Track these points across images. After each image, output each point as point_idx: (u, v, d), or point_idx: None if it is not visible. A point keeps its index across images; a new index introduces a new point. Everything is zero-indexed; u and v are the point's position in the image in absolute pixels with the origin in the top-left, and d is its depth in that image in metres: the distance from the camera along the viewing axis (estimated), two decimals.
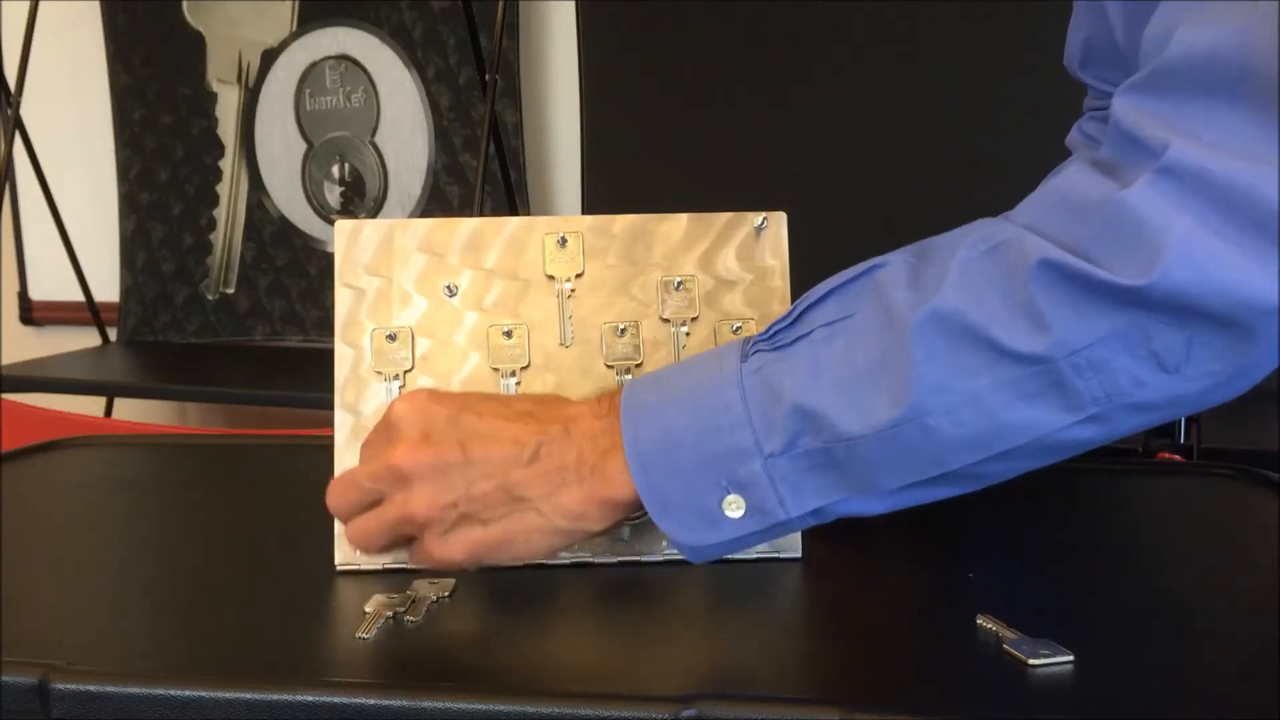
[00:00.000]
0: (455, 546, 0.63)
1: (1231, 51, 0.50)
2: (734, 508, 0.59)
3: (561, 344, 0.75)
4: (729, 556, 0.72)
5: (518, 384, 0.74)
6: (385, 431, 0.65)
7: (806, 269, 0.84)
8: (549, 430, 0.62)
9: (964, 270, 0.55)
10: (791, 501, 0.59)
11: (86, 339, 2.53)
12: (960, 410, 0.55)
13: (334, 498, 0.67)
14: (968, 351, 0.54)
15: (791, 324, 0.60)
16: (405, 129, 2.33)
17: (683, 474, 0.59)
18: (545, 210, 2.33)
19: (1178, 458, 1.46)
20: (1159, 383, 0.53)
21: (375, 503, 0.65)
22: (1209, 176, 0.49)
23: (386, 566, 0.72)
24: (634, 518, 0.65)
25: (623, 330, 0.75)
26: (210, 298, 2.49)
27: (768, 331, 0.61)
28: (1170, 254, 0.49)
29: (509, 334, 0.75)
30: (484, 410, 0.64)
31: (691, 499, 0.59)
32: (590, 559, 0.72)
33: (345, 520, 0.67)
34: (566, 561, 0.72)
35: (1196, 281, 0.49)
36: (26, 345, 2.62)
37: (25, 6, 2.30)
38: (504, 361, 0.74)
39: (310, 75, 2.39)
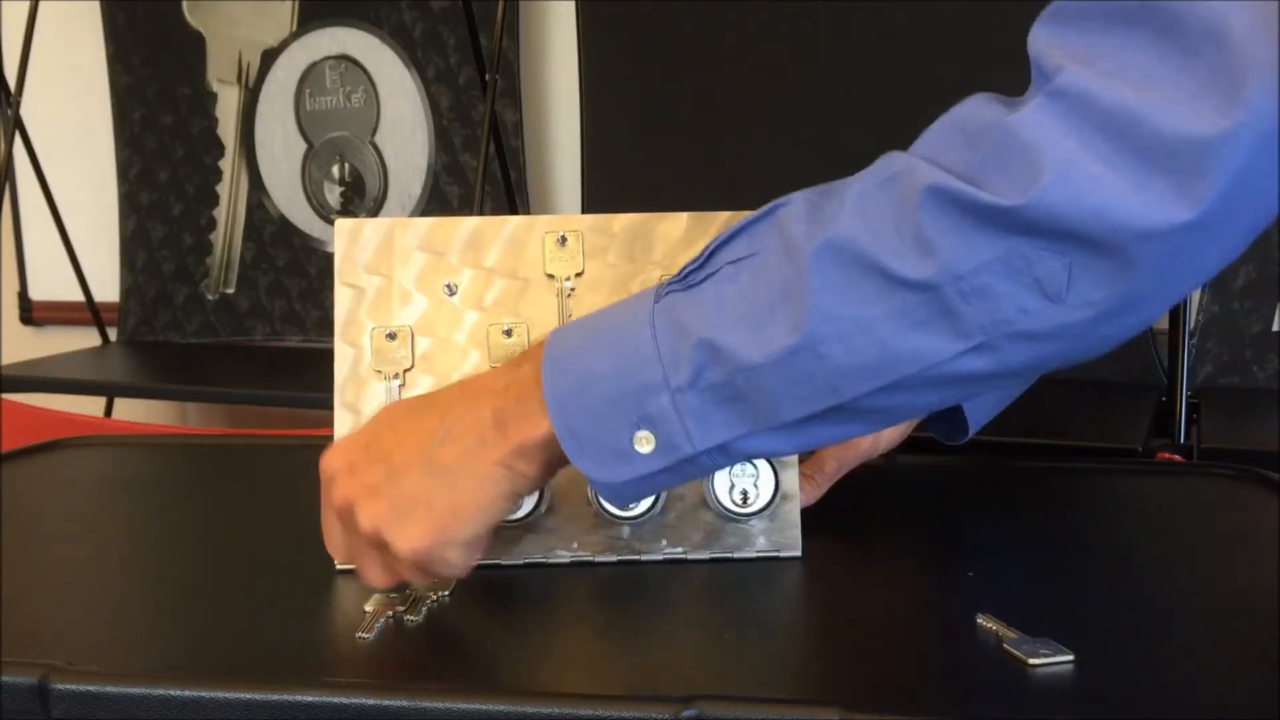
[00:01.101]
0: (411, 537, 0.63)
1: None
2: (644, 443, 0.60)
3: None
4: (730, 556, 0.72)
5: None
6: (323, 491, 0.67)
7: None
8: (453, 408, 0.64)
9: (858, 201, 0.57)
10: (698, 434, 0.59)
11: (86, 339, 2.53)
12: (853, 338, 0.56)
13: (331, 549, 0.70)
14: (860, 280, 0.55)
15: (701, 265, 0.62)
16: (405, 129, 2.33)
17: (597, 412, 0.60)
18: (545, 210, 2.33)
19: (1178, 458, 1.46)
20: (1043, 310, 0.53)
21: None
22: (1096, 101, 0.50)
23: None
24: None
25: None
26: (210, 298, 2.48)
27: (680, 273, 0.62)
28: (1048, 175, 0.50)
29: (509, 333, 0.75)
30: (397, 426, 0.65)
31: (605, 436, 0.60)
32: (590, 559, 0.72)
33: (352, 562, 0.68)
34: (566, 561, 0.72)
35: (1072, 203, 0.50)
36: (26, 345, 2.62)
37: (25, 6, 2.29)
38: (504, 360, 0.74)
39: (310, 75, 2.39)
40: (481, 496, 0.63)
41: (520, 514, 0.72)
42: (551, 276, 0.75)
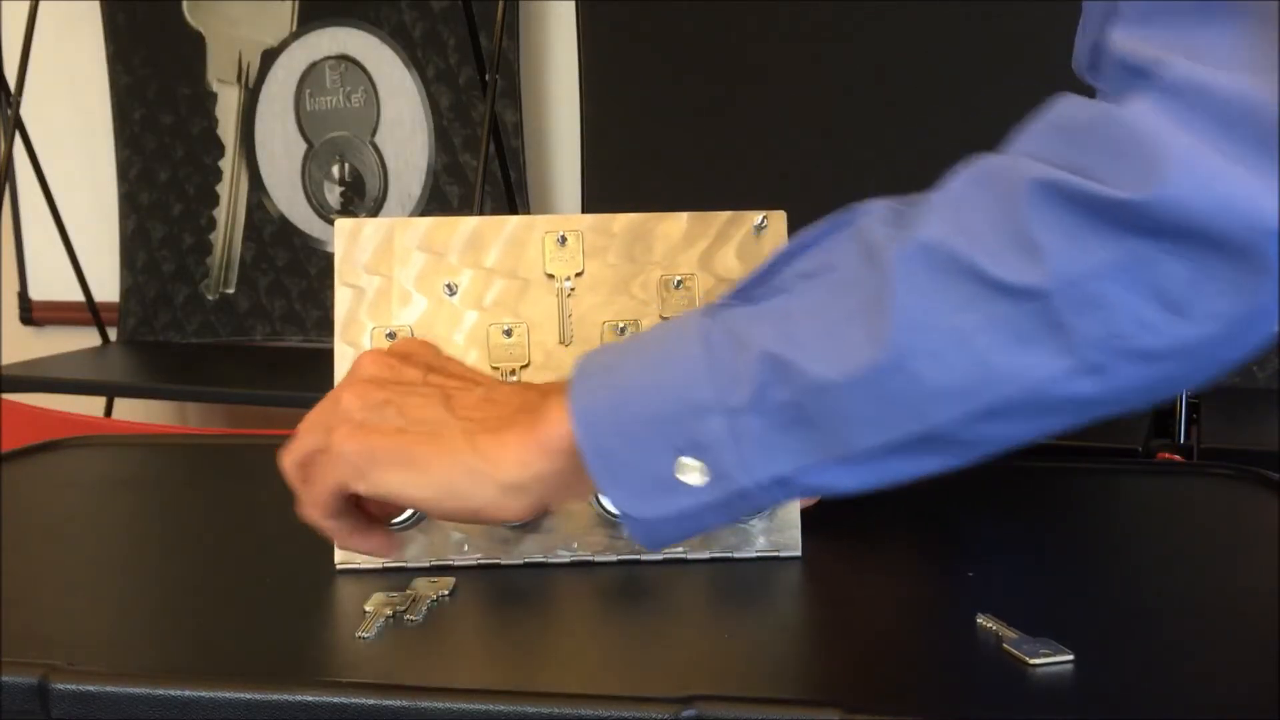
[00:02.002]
0: (357, 436, 0.57)
1: None
2: (689, 471, 0.53)
3: (561, 342, 0.75)
4: (730, 556, 0.72)
5: (518, 383, 0.74)
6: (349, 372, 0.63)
7: None
8: (502, 384, 0.61)
9: (950, 200, 0.51)
10: (756, 462, 0.52)
11: (86, 339, 2.53)
12: (946, 352, 0.49)
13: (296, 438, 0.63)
14: (955, 286, 0.49)
15: (764, 277, 0.56)
16: (405, 129, 2.33)
17: (633, 432, 0.53)
18: (545, 210, 2.33)
19: (1178, 458, 1.46)
20: (1163, 324, 0.47)
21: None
22: (1210, 92, 0.46)
23: (386, 566, 0.72)
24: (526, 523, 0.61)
25: (623, 329, 0.75)
26: (210, 298, 2.48)
27: (737, 287, 0.56)
28: (1171, 167, 0.45)
29: (509, 333, 0.75)
30: (457, 365, 0.63)
31: (642, 461, 0.53)
32: (590, 559, 0.72)
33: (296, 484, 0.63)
34: (566, 561, 0.72)
35: (1200, 196, 0.45)
36: (26, 345, 2.62)
37: (25, 6, 2.29)
38: (504, 360, 0.74)
39: (310, 75, 2.39)
40: (436, 469, 0.57)
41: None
42: (551, 276, 0.75)
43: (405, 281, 0.75)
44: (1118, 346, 0.48)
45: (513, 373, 0.74)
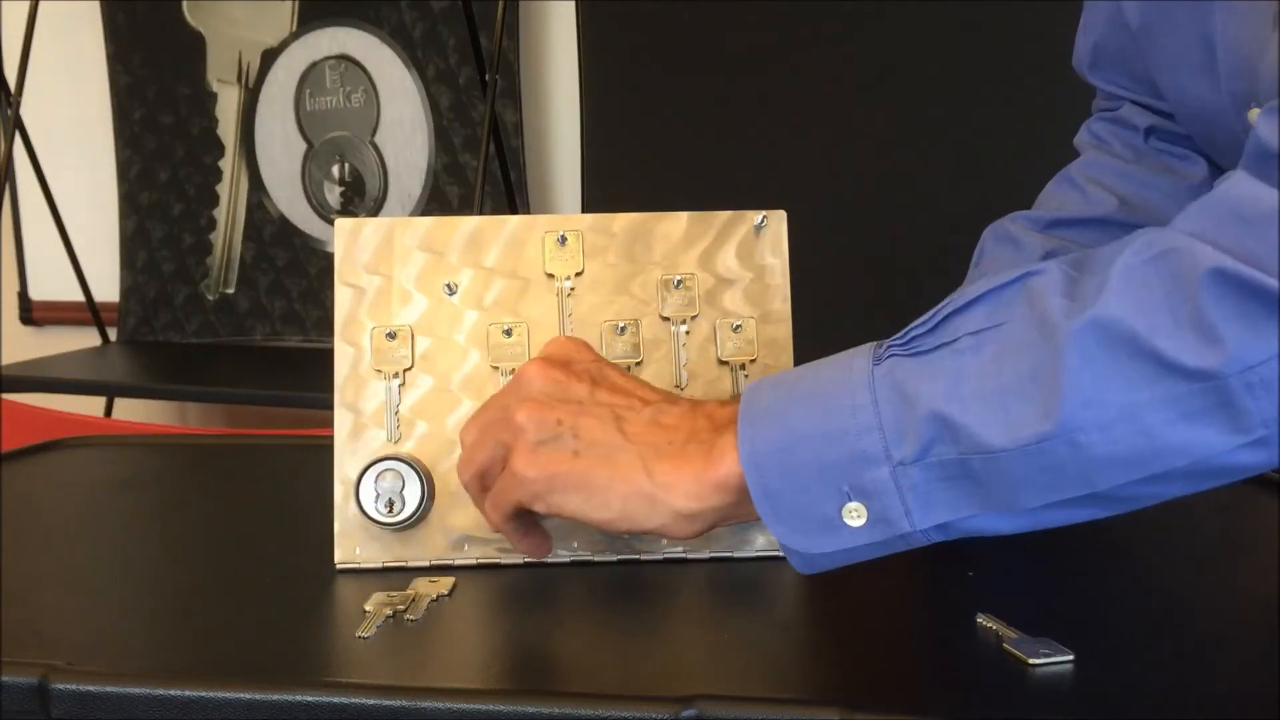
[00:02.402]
0: (538, 463, 0.61)
1: None
2: (855, 516, 0.56)
3: None
4: (730, 555, 0.72)
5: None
6: (514, 386, 0.65)
7: (806, 268, 0.84)
8: (675, 402, 0.63)
9: (1127, 277, 0.52)
10: (918, 513, 0.56)
11: (86, 339, 2.53)
12: (1115, 427, 0.51)
13: (466, 434, 0.66)
14: (1128, 364, 0.51)
15: (932, 329, 0.57)
16: (405, 129, 2.33)
17: (801, 477, 0.57)
18: (545, 209, 2.33)
19: None
20: None
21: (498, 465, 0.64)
22: None
23: (386, 565, 0.72)
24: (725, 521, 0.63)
25: (623, 329, 0.75)
26: (210, 298, 2.49)
27: (903, 335, 0.58)
28: None
29: (509, 332, 0.75)
30: (617, 374, 0.65)
31: (809, 504, 0.57)
32: (590, 558, 0.72)
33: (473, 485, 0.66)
34: (566, 560, 0.72)
35: None
36: (26, 345, 2.62)
37: (25, 6, 2.30)
38: (504, 360, 0.74)
39: (310, 75, 2.39)
40: (615, 498, 0.60)
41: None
42: (551, 276, 0.75)
43: (405, 281, 0.75)
44: None
45: (512, 372, 0.74)
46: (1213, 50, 0.70)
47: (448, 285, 0.75)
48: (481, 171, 2.04)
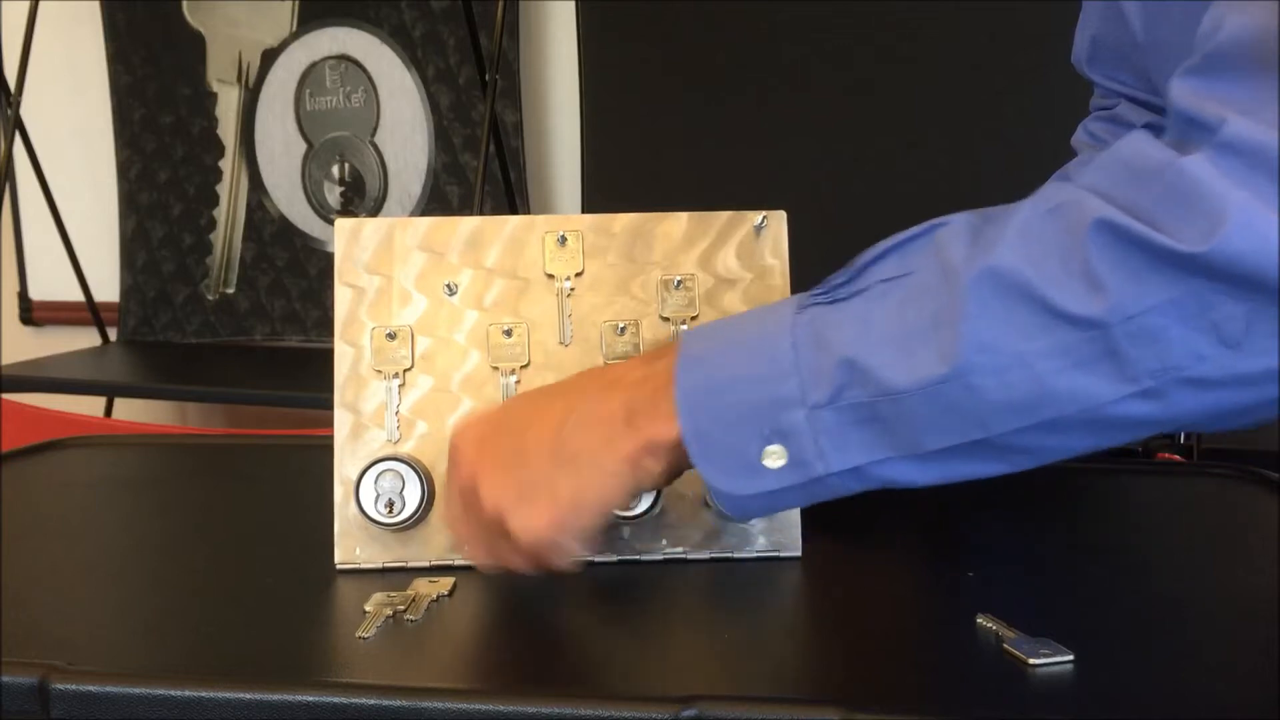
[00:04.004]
0: (535, 521, 0.63)
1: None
2: (774, 458, 0.59)
3: (561, 342, 0.75)
4: (730, 555, 0.72)
5: (517, 383, 0.74)
6: (450, 464, 0.67)
7: (806, 268, 0.84)
8: (586, 397, 0.64)
9: (1023, 229, 0.54)
10: (832, 455, 0.58)
11: (86, 339, 2.53)
12: (1008, 372, 0.54)
13: (456, 534, 0.69)
14: (1021, 312, 0.53)
15: (849, 280, 0.60)
16: (405, 129, 2.33)
17: (727, 419, 0.59)
18: (545, 210, 2.33)
19: (1178, 458, 1.46)
20: (1219, 357, 0.51)
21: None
22: (1267, 150, 0.49)
23: (386, 566, 0.72)
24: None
25: (623, 329, 0.75)
26: (210, 298, 2.49)
27: (824, 285, 0.61)
28: (1229, 222, 0.49)
29: (509, 332, 0.75)
30: (530, 409, 0.66)
31: (733, 445, 0.59)
32: (590, 558, 0.72)
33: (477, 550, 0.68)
34: None
35: (1256, 250, 0.49)
36: (26, 345, 2.62)
37: (25, 6, 2.29)
38: (504, 360, 0.74)
39: (310, 75, 2.39)
40: (604, 490, 0.63)
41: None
42: (551, 276, 0.75)
43: (405, 281, 0.75)
44: (1174, 376, 0.52)
45: (512, 373, 0.74)
46: None
47: (448, 285, 0.75)
48: (481, 171, 2.04)
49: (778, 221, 0.76)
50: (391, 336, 0.74)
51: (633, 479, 0.63)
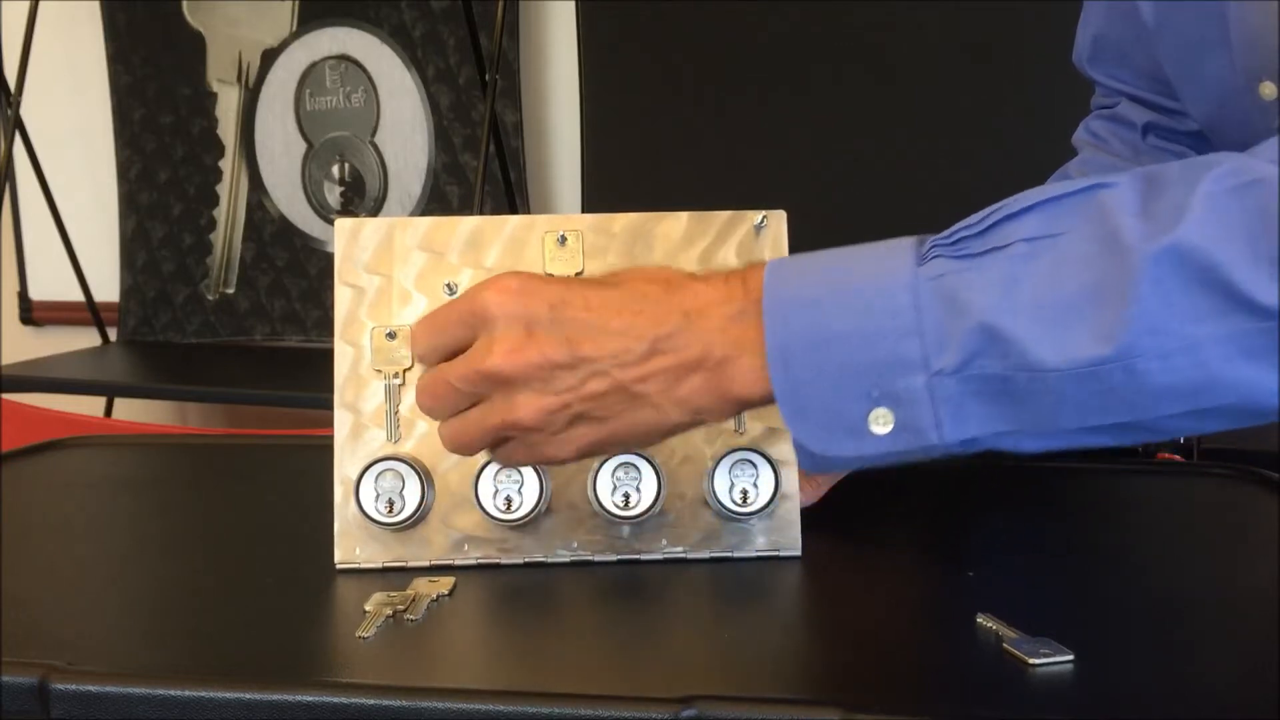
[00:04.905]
0: (568, 446, 0.60)
1: None
2: (881, 423, 0.54)
3: None
4: (730, 555, 0.72)
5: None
6: (473, 322, 0.60)
7: None
8: (666, 322, 0.58)
9: (1210, 205, 0.50)
10: (949, 426, 0.53)
11: (86, 339, 2.53)
12: (1175, 357, 0.50)
13: (425, 398, 0.63)
14: (1199, 294, 0.49)
15: (982, 233, 0.54)
16: (405, 129, 2.33)
17: (830, 377, 0.54)
18: (545, 210, 2.33)
19: (1178, 458, 1.46)
20: None
21: (473, 403, 0.62)
22: None
23: (386, 566, 0.72)
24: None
25: None
26: (210, 298, 2.49)
27: (949, 235, 0.55)
28: None
29: None
30: (590, 301, 0.59)
31: (835, 406, 0.54)
32: (590, 559, 0.72)
33: (438, 419, 0.64)
34: (566, 561, 0.72)
35: None
36: (26, 345, 2.62)
37: (25, 6, 2.29)
38: None
39: (310, 75, 2.39)
40: (652, 435, 0.60)
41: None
42: (552, 276, 0.75)
43: (405, 281, 0.75)
44: None
45: None
46: (1227, 25, 0.70)
47: (448, 285, 0.75)
48: (481, 171, 2.04)
49: (777, 221, 0.76)
50: (391, 336, 0.74)
51: (685, 428, 0.60)
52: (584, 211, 2.10)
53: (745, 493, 0.72)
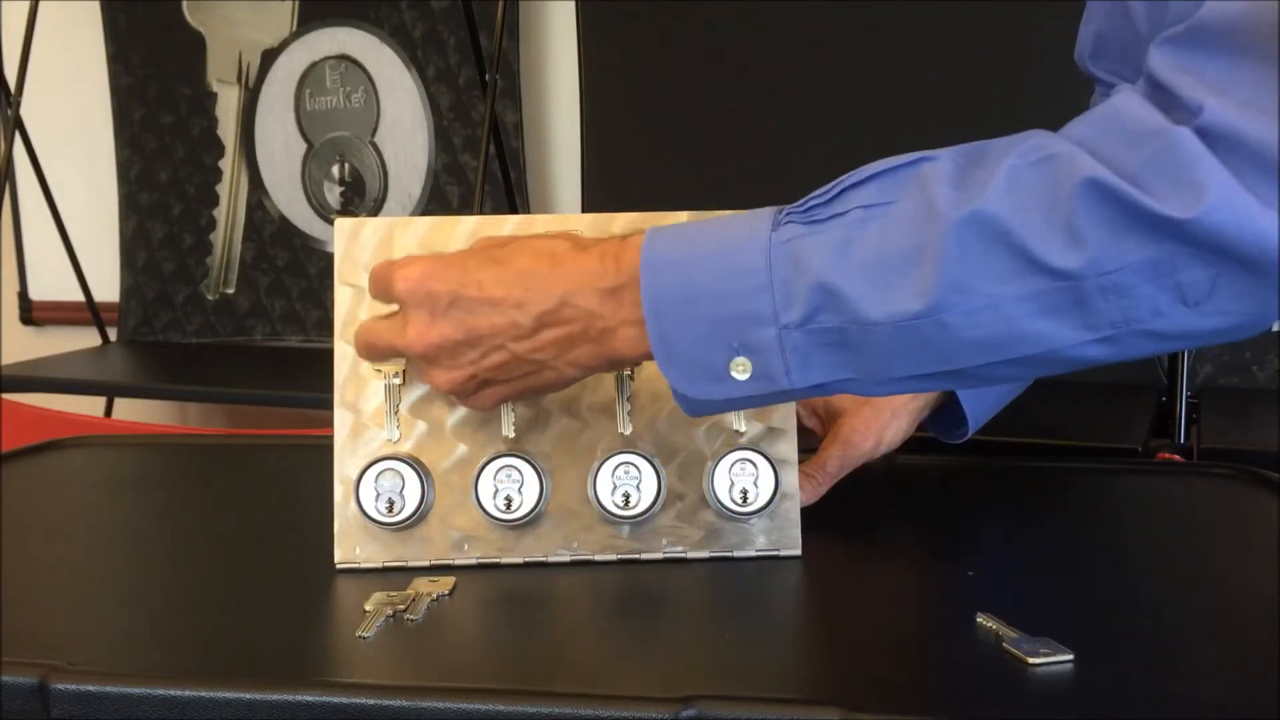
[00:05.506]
0: (486, 401, 0.69)
1: (1266, 14, 0.52)
2: (740, 370, 0.61)
3: None
4: (730, 555, 0.72)
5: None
6: (388, 298, 0.69)
7: None
8: (549, 299, 0.64)
9: (1011, 177, 0.56)
10: (797, 373, 0.60)
11: (86, 339, 2.53)
12: (980, 314, 0.56)
13: (362, 349, 0.72)
14: (1000, 257, 0.55)
15: (829, 201, 0.61)
16: (405, 129, 2.33)
17: (695, 329, 0.61)
18: (545, 210, 2.33)
19: (1178, 458, 1.46)
20: (1177, 315, 0.55)
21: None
22: (1243, 137, 0.51)
23: (386, 566, 0.72)
24: None
25: None
26: (210, 298, 2.49)
27: (803, 204, 0.61)
28: (1213, 195, 0.51)
29: None
30: (483, 282, 0.66)
31: (700, 354, 0.61)
32: (590, 558, 0.72)
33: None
34: (566, 560, 0.72)
35: (1235, 224, 0.51)
36: (26, 345, 2.62)
37: (25, 6, 2.29)
38: None
39: (310, 75, 2.39)
40: (556, 384, 0.68)
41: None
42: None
43: None
44: (1133, 328, 0.55)
45: None
46: None
47: None
48: (481, 171, 2.04)
49: None
50: None
51: (576, 380, 0.68)
52: (584, 211, 2.10)
53: (745, 492, 0.72)
